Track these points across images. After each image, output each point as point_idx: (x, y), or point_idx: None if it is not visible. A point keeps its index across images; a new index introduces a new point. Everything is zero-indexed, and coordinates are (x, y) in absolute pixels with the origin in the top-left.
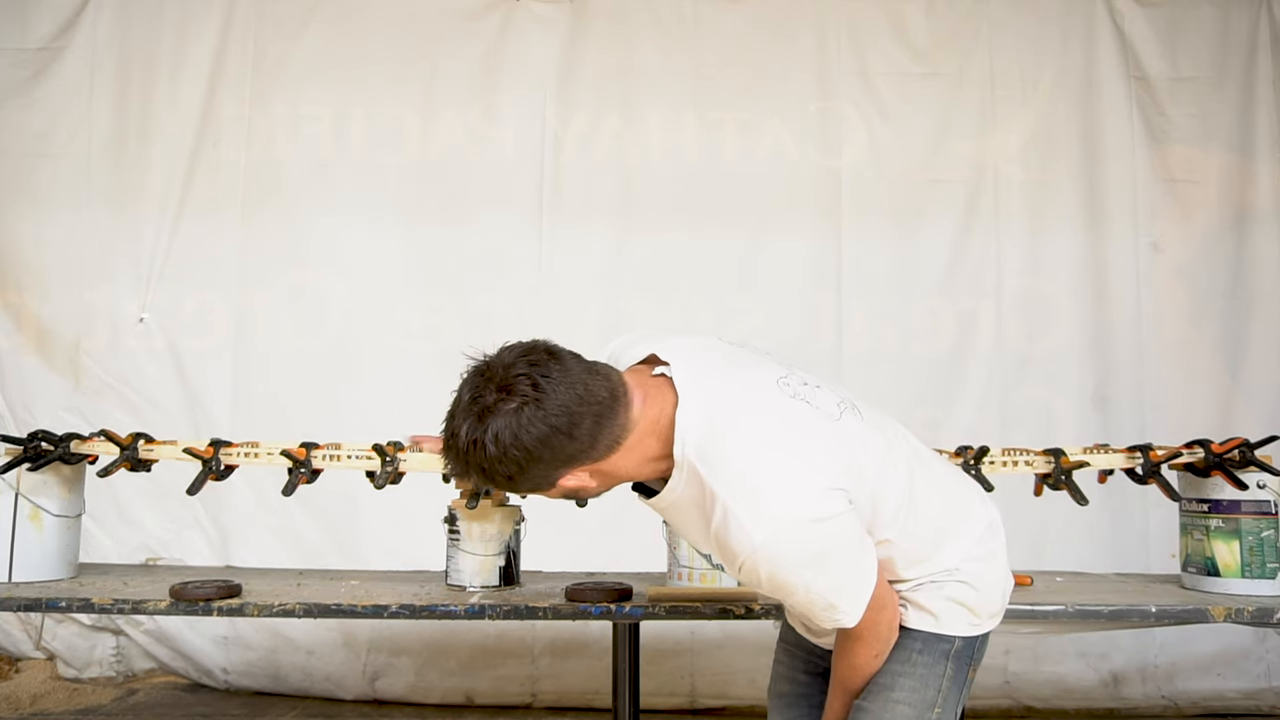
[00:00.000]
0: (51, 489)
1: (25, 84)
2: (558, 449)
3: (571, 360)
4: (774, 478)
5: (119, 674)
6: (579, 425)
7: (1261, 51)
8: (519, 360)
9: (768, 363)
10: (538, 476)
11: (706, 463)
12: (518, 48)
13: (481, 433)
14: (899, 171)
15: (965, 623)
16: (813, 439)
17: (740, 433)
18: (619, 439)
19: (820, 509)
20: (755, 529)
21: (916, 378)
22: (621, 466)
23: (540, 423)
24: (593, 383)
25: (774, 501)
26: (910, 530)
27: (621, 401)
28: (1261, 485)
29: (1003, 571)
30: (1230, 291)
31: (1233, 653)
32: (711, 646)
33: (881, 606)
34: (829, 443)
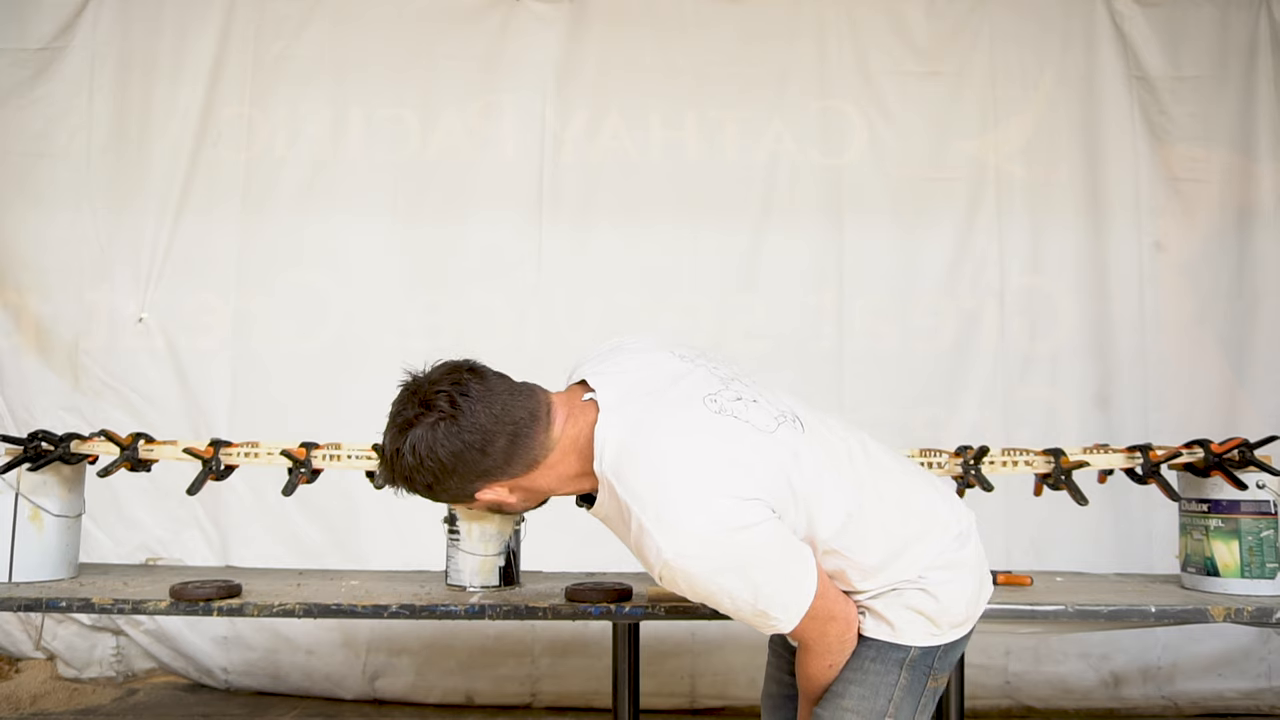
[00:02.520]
0: (51, 489)
1: (25, 84)
2: (471, 464)
3: (496, 380)
4: (681, 490)
5: (119, 674)
6: (493, 443)
7: (1262, 51)
8: (443, 378)
9: (706, 379)
10: (454, 489)
11: (620, 478)
12: (517, 47)
13: (401, 443)
14: (900, 170)
15: (923, 632)
16: (730, 452)
17: (652, 449)
18: (537, 457)
19: (732, 519)
20: (664, 541)
21: (918, 377)
22: (541, 482)
23: (454, 438)
24: (512, 402)
25: (681, 513)
26: (863, 543)
27: (541, 422)
28: (1261, 485)
29: (969, 581)
30: (1233, 291)
31: (1234, 653)
32: (712, 647)
33: (829, 618)
34: (750, 455)
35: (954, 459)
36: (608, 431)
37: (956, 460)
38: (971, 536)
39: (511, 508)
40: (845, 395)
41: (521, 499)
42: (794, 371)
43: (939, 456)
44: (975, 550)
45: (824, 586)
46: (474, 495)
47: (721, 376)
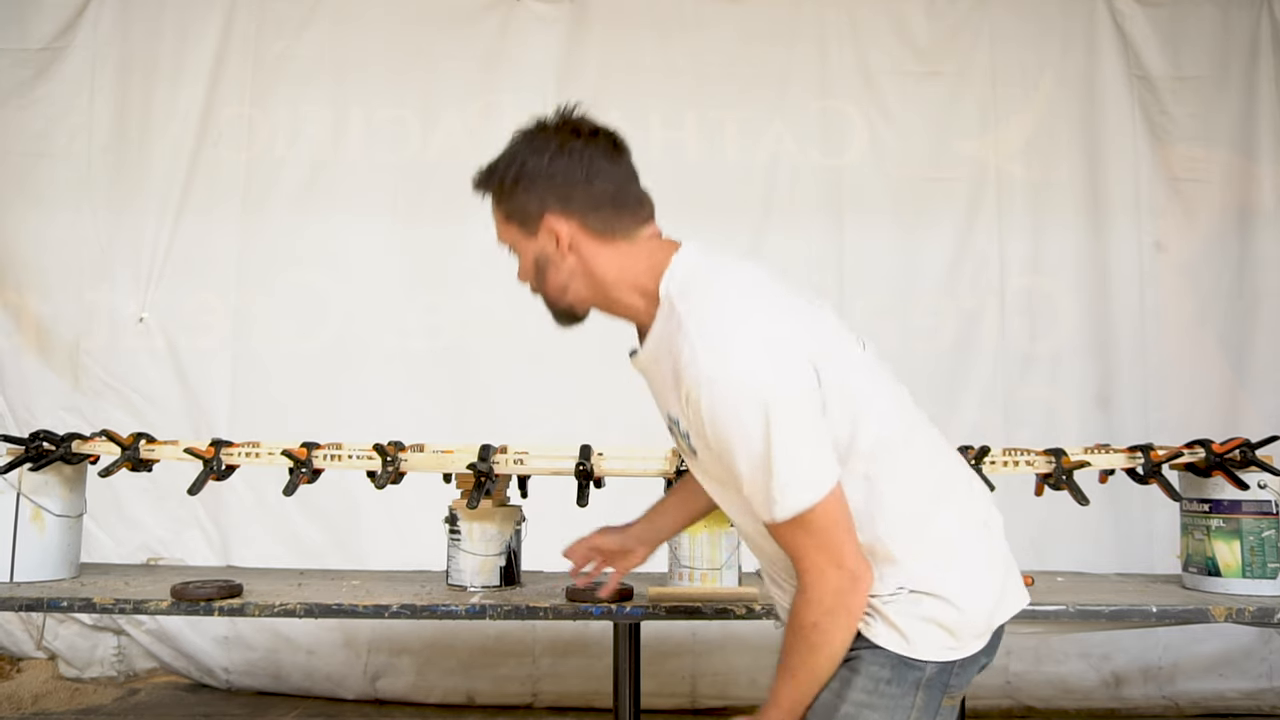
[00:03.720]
0: (53, 489)
1: (26, 84)
2: (567, 181)
3: (629, 163)
4: (741, 315)
5: (120, 674)
6: (597, 181)
7: (1263, 51)
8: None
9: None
10: (534, 195)
11: (684, 295)
12: (517, 47)
13: (526, 131)
14: (900, 170)
15: (941, 646)
16: (798, 307)
17: (724, 277)
18: (619, 229)
19: (781, 357)
20: (706, 357)
21: (919, 377)
22: (603, 262)
23: (575, 153)
24: (634, 185)
25: (735, 333)
26: (893, 477)
27: (642, 215)
28: (1262, 485)
29: (992, 584)
30: (1234, 291)
31: (1235, 653)
32: (712, 647)
33: (836, 553)
34: (815, 322)
35: None
36: (686, 257)
37: None
38: (997, 530)
39: (555, 270)
40: None
41: (570, 268)
42: None
43: None
44: (1001, 550)
45: (840, 512)
46: (542, 215)
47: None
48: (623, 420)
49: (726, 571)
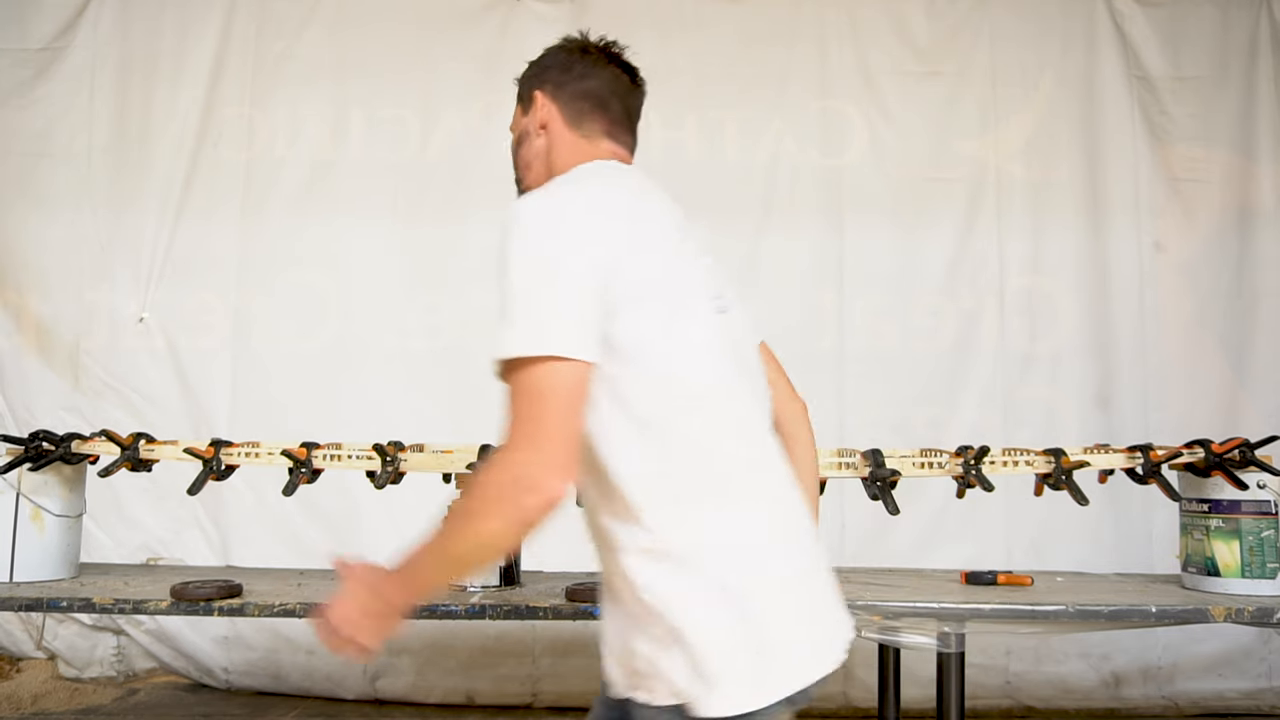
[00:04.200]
0: (52, 489)
1: (26, 84)
2: (564, 69)
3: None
4: (579, 182)
5: (120, 674)
6: (589, 79)
7: (1262, 51)
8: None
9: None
10: (534, 80)
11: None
12: (518, 47)
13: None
14: (900, 170)
15: (681, 674)
16: (645, 224)
17: (598, 174)
18: (585, 126)
19: (580, 221)
20: (521, 200)
21: (918, 377)
22: (562, 151)
23: (583, 56)
24: (623, 100)
25: (559, 189)
26: (680, 422)
27: (616, 129)
28: (1262, 485)
29: (750, 621)
30: (1234, 290)
31: (1234, 653)
32: None
33: (537, 445)
34: (655, 243)
35: (955, 459)
36: (597, 162)
37: (957, 460)
38: (797, 561)
39: (528, 146)
40: (846, 395)
41: (539, 148)
42: (794, 371)
43: (940, 456)
44: (790, 584)
45: (567, 396)
46: (533, 92)
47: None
48: None
49: None
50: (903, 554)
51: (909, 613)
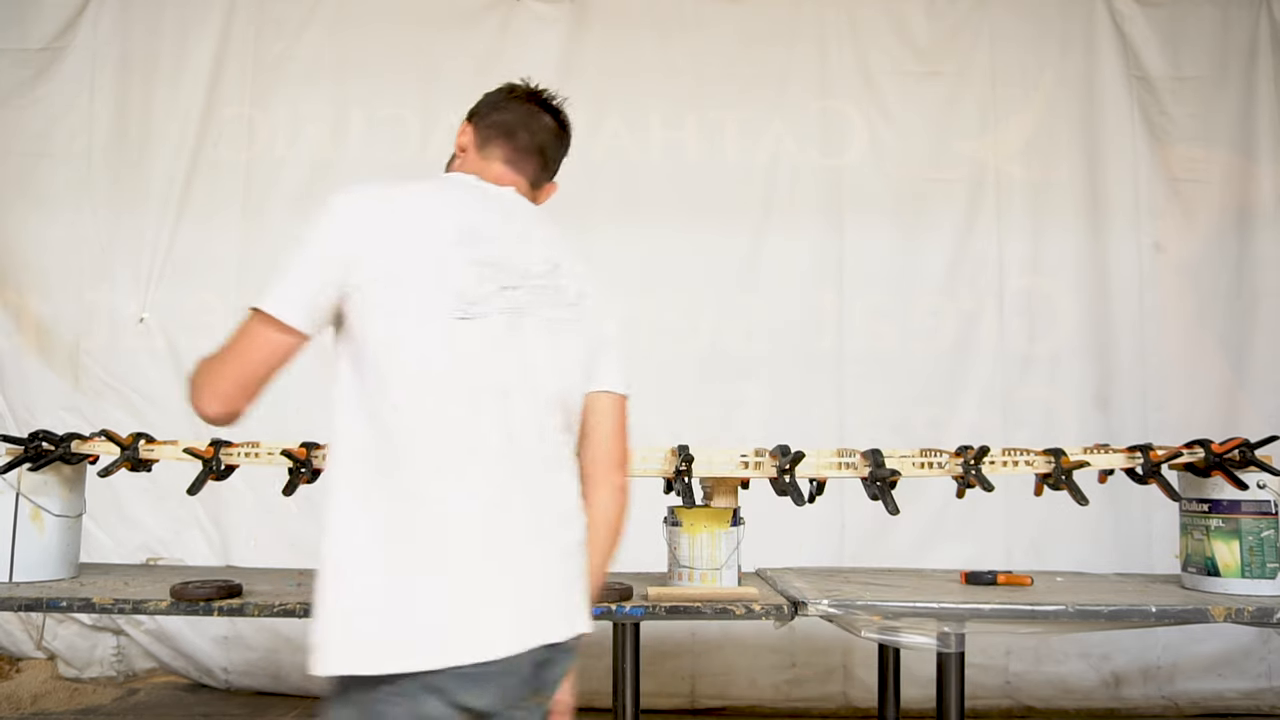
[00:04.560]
0: (52, 489)
1: (26, 84)
2: (489, 103)
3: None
4: (388, 184)
5: (120, 674)
6: (504, 112)
7: (1262, 51)
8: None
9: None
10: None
11: None
12: (517, 47)
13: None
14: (900, 170)
15: (338, 639)
16: (416, 226)
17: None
18: (487, 148)
19: (346, 210)
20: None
21: (918, 377)
22: (466, 162)
23: (510, 95)
24: (532, 134)
25: (359, 185)
26: (374, 421)
27: (517, 157)
28: (1261, 485)
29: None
30: (1233, 291)
31: (1234, 653)
32: (711, 647)
33: (213, 382)
34: (417, 248)
35: (954, 459)
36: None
37: (957, 460)
38: (461, 564)
39: (451, 162)
40: (845, 396)
41: (456, 167)
42: (794, 371)
43: (939, 456)
44: (444, 577)
45: (259, 351)
46: (463, 123)
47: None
48: None
49: (726, 571)
50: (902, 554)
51: (909, 613)
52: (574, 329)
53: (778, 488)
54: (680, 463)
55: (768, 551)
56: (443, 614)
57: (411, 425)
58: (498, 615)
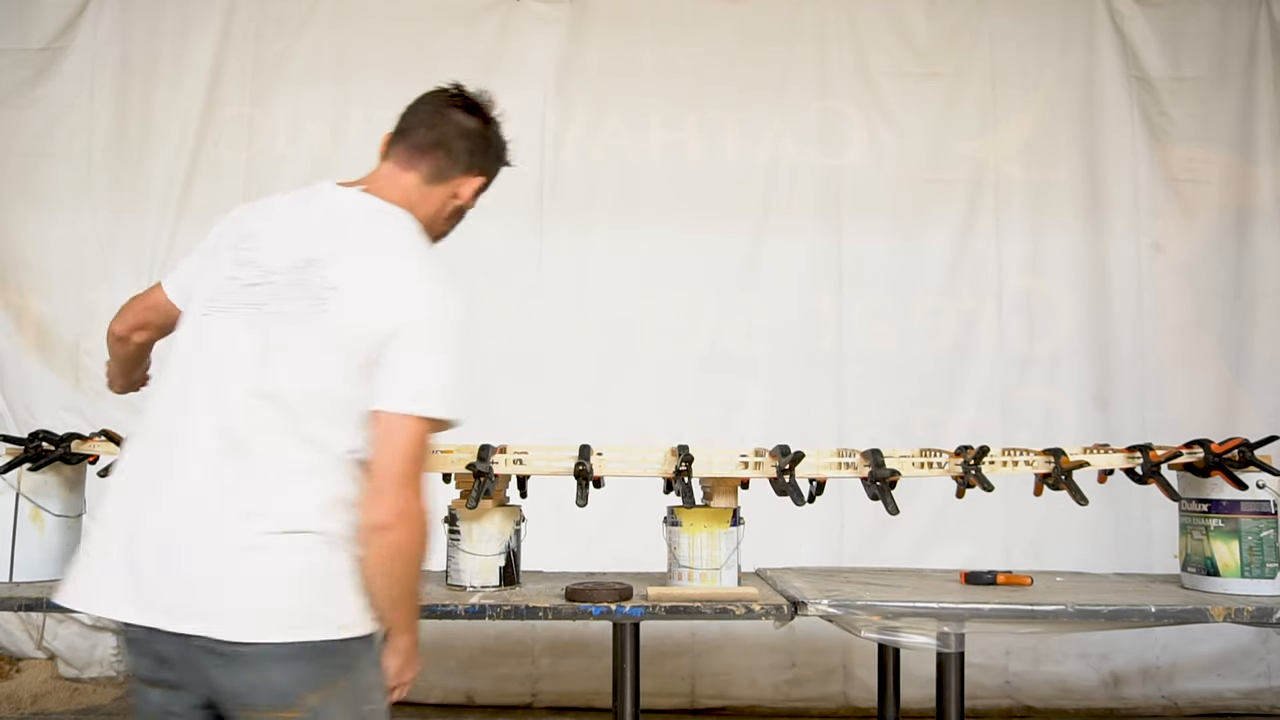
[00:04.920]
0: (52, 489)
1: (27, 84)
2: (408, 108)
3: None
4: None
5: (120, 673)
6: (411, 116)
7: (1262, 51)
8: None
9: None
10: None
11: None
12: (518, 47)
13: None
14: (900, 171)
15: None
16: (230, 237)
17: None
18: (388, 151)
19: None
20: None
21: (917, 377)
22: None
23: (428, 93)
24: (423, 131)
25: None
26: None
27: (401, 153)
28: (1261, 485)
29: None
30: (1232, 291)
31: (1233, 653)
32: (711, 647)
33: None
34: (216, 258)
35: (954, 459)
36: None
37: (957, 460)
38: (123, 525)
39: None
40: (845, 396)
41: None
42: (794, 372)
43: (939, 456)
44: (108, 532)
45: (145, 296)
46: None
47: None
48: (622, 420)
49: (726, 571)
50: (902, 554)
51: (909, 613)
52: (313, 326)
53: (778, 488)
54: (680, 463)
55: (768, 551)
56: (78, 564)
57: (147, 407)
58: (104, 576)
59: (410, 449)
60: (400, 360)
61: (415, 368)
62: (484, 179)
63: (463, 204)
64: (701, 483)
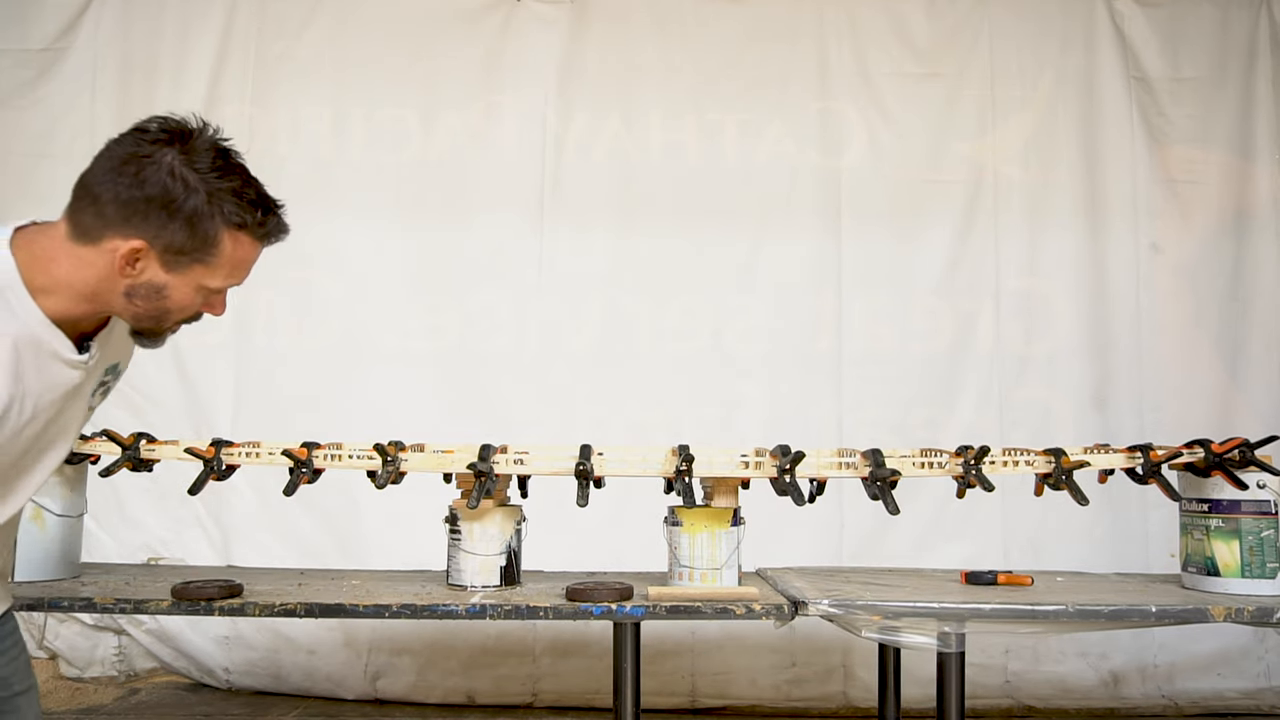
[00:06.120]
0: (53, 488)
1: (28, 84)
2: None
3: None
4: None
5: (121, 673)
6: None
7: (1261, 52)
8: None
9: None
10: None
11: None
12: (518, 47)
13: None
14: (899, 172)
15: None
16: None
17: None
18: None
19: None
20: None
21: (915, 378)
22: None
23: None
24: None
25: None
26: None
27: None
28: (1261, 485)
29: None
30: (1230, 292)
31: (1232, 652)
32: (712, 647)
33: None
34: None
35: (955, 459)
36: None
37: (957, 460)
38: None
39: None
40: (844, 396)
41: None
42: (794, 372)
43: (940, 456)
44: None
45: None
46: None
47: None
48: (623, 420)
49: (726, 571)
50: (902, 554)
51: (909, 612)
52: None
53: (778, 488)
54: (680, 463)
55: (768, 551)
56: None
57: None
58: None
59: None
60: None
61: None
62: (143, 242)
63: (149, 281)
64: (702, 483)
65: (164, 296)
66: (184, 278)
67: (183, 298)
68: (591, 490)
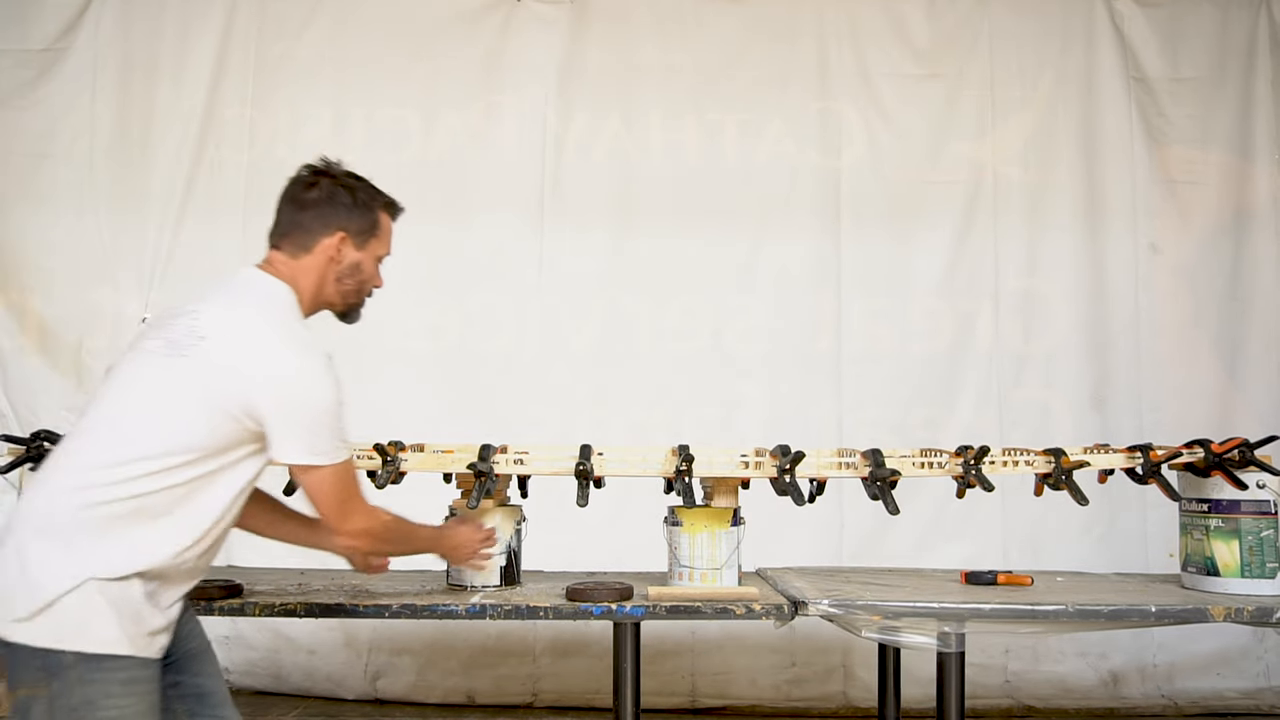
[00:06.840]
0: None
1: (28, 85)
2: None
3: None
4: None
5: None
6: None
7: (1261, 52)
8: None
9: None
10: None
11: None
12: (518, 47)
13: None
14: (898, 172)
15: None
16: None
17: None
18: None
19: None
20: None
21: (915, 378)
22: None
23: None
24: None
25: None
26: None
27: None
28: (1261, 485)
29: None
30: (1229, 292)
31: (1232, 652)
32: (711, 647)
33: None
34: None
35: (955, 459)
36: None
37: (957, 460)
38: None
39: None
40: (843, 396)
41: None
42: (794, 372)
43: (940, 456)
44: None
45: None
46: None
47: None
48: (623, 420)
49: (726, 571)
50: (902, 554)
51: (909, 612)
52: (172, 368)
53: (778, 488)
54: (680, 462)
55: (768, 551)
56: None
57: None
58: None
59: (321, 488)
60: (280, 420)
61: (292, 426)
62: (343, 233)
63: (350, 261)
64: (702, 482)
65: (360, 270)
66: (367, 252)
67: (369, 267)
68: (591, 490)
